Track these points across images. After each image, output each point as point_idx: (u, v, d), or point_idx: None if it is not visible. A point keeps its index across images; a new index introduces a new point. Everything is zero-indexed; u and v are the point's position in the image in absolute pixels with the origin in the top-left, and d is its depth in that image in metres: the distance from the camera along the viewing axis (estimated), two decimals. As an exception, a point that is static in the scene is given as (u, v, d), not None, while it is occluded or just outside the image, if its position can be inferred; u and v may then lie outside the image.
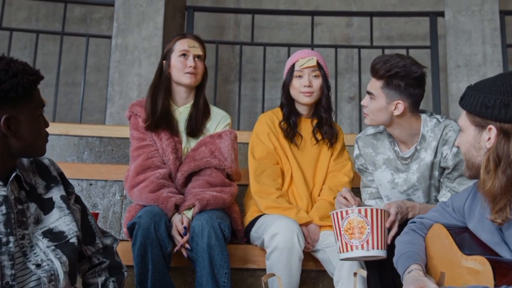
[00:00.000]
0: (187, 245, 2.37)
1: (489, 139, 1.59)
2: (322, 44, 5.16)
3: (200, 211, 2.45)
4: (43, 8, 5.80)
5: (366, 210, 2.04)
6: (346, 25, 5.67)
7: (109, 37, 4.44)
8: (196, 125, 2.69)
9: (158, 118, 2.65)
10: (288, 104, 2.75)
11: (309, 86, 2.68)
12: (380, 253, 2.04)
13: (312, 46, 4.71)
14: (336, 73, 4.64)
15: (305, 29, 5.50)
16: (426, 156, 2.36)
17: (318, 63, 2.70)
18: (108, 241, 1.96)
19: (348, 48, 5.42)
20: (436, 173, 2.38)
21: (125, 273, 1.95)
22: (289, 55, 4.50)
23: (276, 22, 5.64)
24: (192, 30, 4.59)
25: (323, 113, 2.75)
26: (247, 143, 2.82)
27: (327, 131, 2.74)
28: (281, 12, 5.43)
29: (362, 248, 2.02)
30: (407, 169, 2.42)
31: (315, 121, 2.77)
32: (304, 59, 2.70)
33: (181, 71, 2.68)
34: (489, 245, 1.65)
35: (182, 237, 2.39)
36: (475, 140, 1.64)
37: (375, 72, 2.32)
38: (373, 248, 2.02)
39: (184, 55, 2.69)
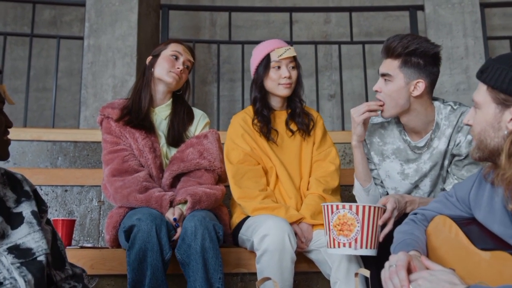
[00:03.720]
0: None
1: (511, 119, 1.47)
2: (301, 41, 5.06)
3: (193, 207, 2.37)
4: (11, 12, 5.61)
5: (357, 207, 1.95)
6: (324, 22, 5.59)
7: (81, 38, 4.26)
8: (179, 136, 2.62)
9: (139, 116, 2.58)
10: (261, 98, 2.63)
11: (289, 77, 2.57)
12: (369, 252, 1.97)
13: (291, 43, 4.59)
14: (316, 71, 4.54)
15: (282, 28, 5.41)
16: (439, 144, 2.26)
17: None
18: (77, 270, 1.79)
19: (327, 44, 5.34)
20: (446, 162, 2.28)
21: None
22: (268, 54, 4.40)
23: (253, 21, 5.54)
24: (167, 29, 4.46)
25: (298, 103, 2.66)
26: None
27: (301, 121, 2.64)
28: (259, 9, 5.33)
29: (350, 246, 1.96)
30: (418, 159, 2.31)
31: (289, 112, 2.67)
32: (281, 49, 2.59)
33: (167, 69, 2.62)
34: (502, 238, 1.53)
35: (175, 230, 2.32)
36: (494, 119, 1.50)
37: (392, 51, 2.18)
38: (361, 247, 1.95)
39: (176, 56, 2.65)
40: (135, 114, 2.58)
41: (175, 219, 2.30)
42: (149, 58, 2.71)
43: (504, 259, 1.36)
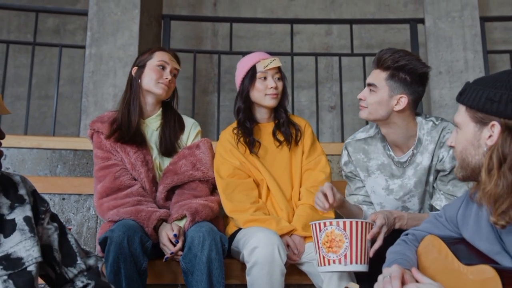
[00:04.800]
0: (180, 253, 2.29)
1: (490, 136, 1.50)
2: (302, 52, 5.08)
3: (193, 219, 2.37)
4: (15, 20, 5.64)
5: (345, 222, 1.95)
6: (325, 34, 5.61)
7: (83, 47, 4.30)
8: (171, 145, 2.62)
9: (129, 132, 2.55)
10: (246, 109, 2.65)
11: (276, 88, 2.60)
12: (359, 268, 1.96)
13: (292, 54, 4.63)
14: (316, 82, 4.56)
15: (284, 39, 5.43)
16: (423, 160, 2.27)
17: None
18: (91, 261, 1.75)
19: (328, 56, 5.36)
20: (431, 178, 2.29)
21: None
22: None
23: (255, 31, 5.56)
24: (169, 39, 4.49)
25: (283, 114, 2.68)
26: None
27: (284, 130, 2.65)
28: (260, 20, 5.34)
29: (340, 262, 1.94)
30: (403, 175, 2.32)
31: (276, 123, 2.69)
32: (266, 60, 2.62)
33: (155, 80, 2.60)
34: (488, 255, 1.56)
35: (173, 245, 2.30)
36: (474, 137, 1.54)
37: (382, 63, 2.22)
38: (351, 263, 1.94)
39: (162, 66, 2.62)
40: (126, 129, 2.56)
41: (175, 235, 2.30)
42: (134, 69, 2.67)
43: (486, 272, 1.37)
